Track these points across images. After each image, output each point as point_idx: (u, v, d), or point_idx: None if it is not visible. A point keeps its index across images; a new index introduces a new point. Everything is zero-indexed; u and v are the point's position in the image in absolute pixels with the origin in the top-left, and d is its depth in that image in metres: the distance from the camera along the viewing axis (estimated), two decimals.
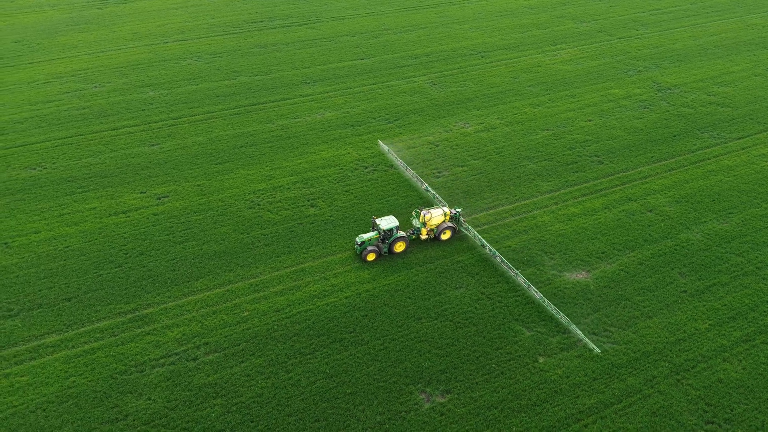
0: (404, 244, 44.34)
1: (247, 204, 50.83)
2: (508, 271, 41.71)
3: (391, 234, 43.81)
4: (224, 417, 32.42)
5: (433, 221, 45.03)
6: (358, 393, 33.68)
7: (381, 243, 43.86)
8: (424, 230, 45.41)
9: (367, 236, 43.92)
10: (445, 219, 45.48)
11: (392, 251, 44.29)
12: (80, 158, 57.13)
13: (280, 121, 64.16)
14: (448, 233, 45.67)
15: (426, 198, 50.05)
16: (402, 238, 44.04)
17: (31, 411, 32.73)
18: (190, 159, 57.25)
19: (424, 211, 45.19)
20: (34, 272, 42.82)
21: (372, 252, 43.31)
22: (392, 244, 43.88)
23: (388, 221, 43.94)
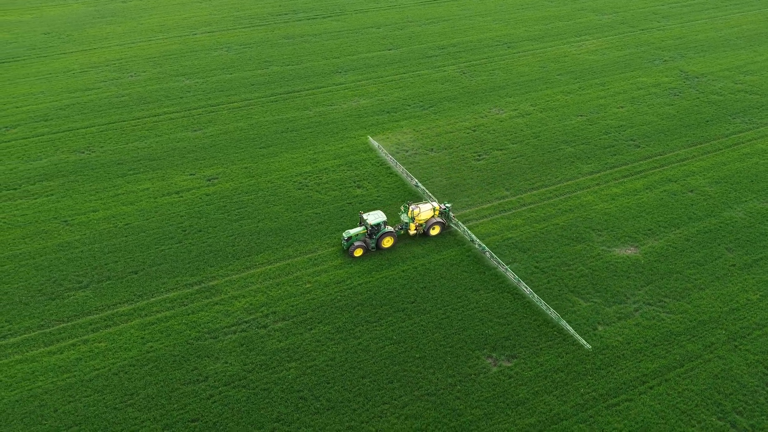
0: (392, 240, 43.47)
1: (296, 185, 52.01)
2: (498, 266, 40.91)
3: (379, 229, 42.96)
4: (301, 379, 33.58)
5: (421, 216, 44.00)
6: (426, 357, 34.85)
7: (368, 238, 43.02)
8: (412, 225, 44.34)
9: (354, 231, 43.25)
10: (434, 214, 44.53)
11: (380, 247, 43.36)
12: (127, 143, 58.34)
13: (317, 108, 65.39)
14: (437, 229, 44.74)
15: (416, 194, 50.96)
16: (390, 233, 43.22)
17: (114, 374, 33.90)
18: (234, 143, 58.46)
19: (413, 206, 44.19)
20: (98, 247, 43.97)
21: (359, 247, 42.55)
22: (380, 239, 43.00)
23: (376, 216, 43.14)
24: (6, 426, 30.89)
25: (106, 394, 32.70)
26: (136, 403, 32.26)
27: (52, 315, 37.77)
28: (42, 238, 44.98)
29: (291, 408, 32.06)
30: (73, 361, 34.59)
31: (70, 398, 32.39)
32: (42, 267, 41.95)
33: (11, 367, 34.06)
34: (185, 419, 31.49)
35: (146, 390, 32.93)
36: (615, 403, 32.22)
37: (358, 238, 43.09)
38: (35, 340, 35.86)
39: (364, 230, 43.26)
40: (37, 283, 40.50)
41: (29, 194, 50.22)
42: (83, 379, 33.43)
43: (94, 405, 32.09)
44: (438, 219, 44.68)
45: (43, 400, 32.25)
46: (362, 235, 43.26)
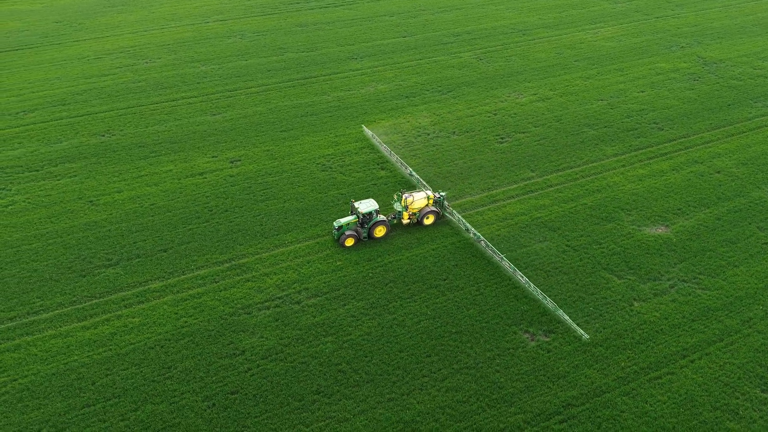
0: (385, 229, 41.94)
1: (319, 167, 51.73)
2: (493, 256, 39.55)
3: (371, 218, 41.29)
4: (338, 352, 33.34)
5: (415, 205, 42.52)
6: (463, 332, 34.61)
7: (360, 227, 41.50)
8: (405, 214, 42.85)
9: (345, 220, 41.64)
10: (429, 203, 43.03)
11: (372, 236, 41.79)
12: (146, 126, 58.06)
13: (335, 93, 65.11)
14: (432, 218, 43.19)
15: (412, 183, 50.38)
16: (382, 222, 41.59)
17: (150, 348, 33.64)
18: (254, 127, 58.18)
19: (406, 194, 42.78)
20: (125, 226, 43.69)
21: (350, 237, 40.96)
22: (372, 228, 41.39)
23: (368, 204, 41.46)
24: (45, 398, 30.65)
25: (144, 367, 32.44)
26: (174, 375, 32.01)
27: (83, 291, 37.49)
28: (68, 217, 44.69)
29: (330, 381, 31.81)
30: (107, 335, 34.32)
31: (107, 371, 32.14)
32: (70, 245, 41.68)
33: (45, 342, 33.80)
34: (225, 391, 31.24)
35: (183, 363, 32.66)
36: (657, 377, 31.99)
37: (349, 228, 41.46)
38: (68, 315, 35.61)
39: (356, 219, 41.68)
40: (66, 260, 40.23)
41: (52, 175, 49.93)
42: (119, 353, 33.17)
43: (132, 378, 31.84)
44: (432, 208, 43.06)
45: (80, 373, 31.99)
46: (354, 224, 41.59)
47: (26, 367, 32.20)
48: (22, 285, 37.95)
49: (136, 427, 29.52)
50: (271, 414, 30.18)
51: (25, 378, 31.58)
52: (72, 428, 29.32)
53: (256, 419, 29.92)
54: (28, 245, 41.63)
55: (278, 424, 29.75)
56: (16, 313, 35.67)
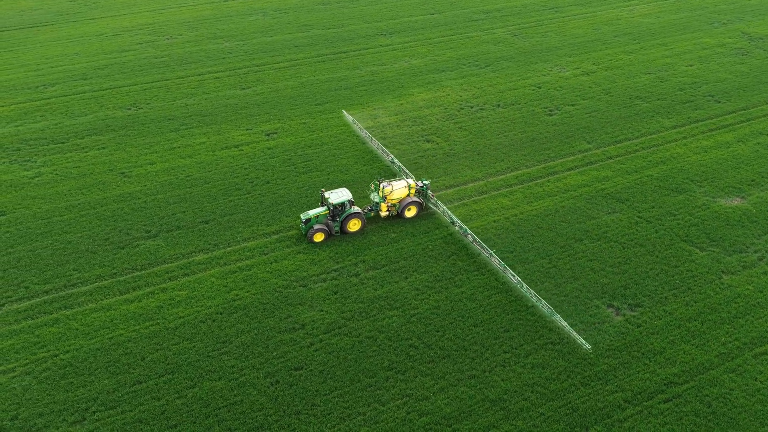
0: (359, 223, 37.11)
1: (360, 139, 48.93)
2: (481, 252, 34.93)
3: (343, 209, 36.59)
4: (406, 327, 30.51)
5: (394, 195, 37.85)
6: (539, 306, 31.86)
7: (331, 220, 36.77)
8: (383, 206, 38.06)
9: (314, 212, 36.59)
10: (410, 193, 38.48)
11: (345, 230, 36.98)
12: (174, 100, 55.24)
13: (368, 68, 62.30)
14: (414, 209, 38.50)
15: (393, 172, 45.60)
16: (357, 214, 36.86)
17: (201, 321, 30.80)
18: (287, 100, 55.37)
19: (384, 183, 38.06)
20: (162, 198, 40.88)
21: (320, 232, 36.08)
22: (345, 221, 36.57)
23: (339, 194, 36.76)
24: (90, 375, 27.85)
25: (196, 341, 29.54)
26: (231, 351, 29.15)
27: (123, 263, 34.65)
28: (100, 189, 41.86)
29: (402, 356, 28.96)
30: (153, 309, 31.48)
31: (157, 346, 29.31)
32: (105, 217, 38.86)
33: (86, 316, 30.98)
34: (288, 367, 28.34)
35: (240, 338, 29.84)
36: (762, 352, 29.19)
37: (319, 221, 36.51)
38: (109, 288, 32.75)
39: (326, 211, 36.84)
40: (102, 232, 37.41)
41: (79, 147, 47.09)
42: (168, 327, 30.29)
43: (184, 353, 28.97)
44: (414, 198, 38.34)
45: (126, 348, 29.15)
46: (323, 216, 36.66)
47: (67, 342, 29.39)
48: (56, 257, 35.15)
49: (195, 404, 26.71)
50: (342, 391, 27.38)
51: (66, 353, 28.77)
52: (123, 406, 26.55)
53: (325, 397, 27.13)
54: (60, 216, 38.82)
55: (350, 402, 26.98)
56: (51, 286, 32.83)
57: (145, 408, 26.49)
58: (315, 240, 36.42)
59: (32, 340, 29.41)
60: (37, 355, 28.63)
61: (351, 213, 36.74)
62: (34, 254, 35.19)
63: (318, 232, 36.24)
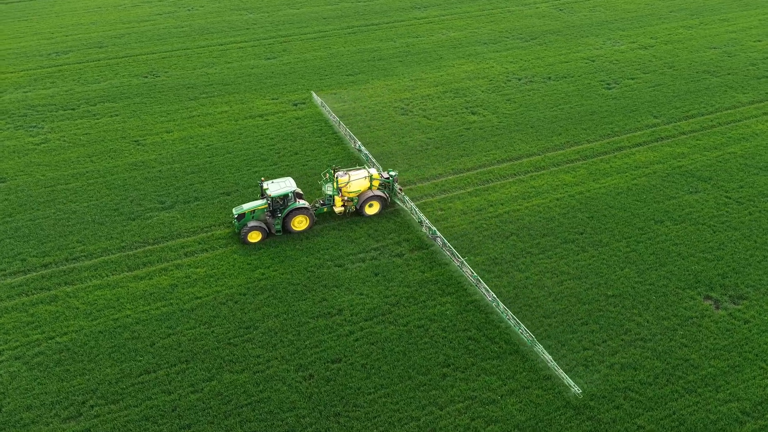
0: (306, 220, 30.57)
1: (398, 111, 44.24)
2: (452, 259, 28.44)
3: (285, 203, 30.10)
4: (462, 316, 25.71)
5: (351, 187, 31.41)
6: (623, 296, 26.81)
7: (270, 217, 30.31)
8: (338, 200, 31.52)
9: (249, 206, 30.17)
10: (372, 185, 31.99)
11: (288, 229, 30.34)
12: (194, 68, 51.09)
13: (402, 40, 57.58)
14: (376, 206, 31.89)
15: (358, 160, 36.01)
16: (302, 210, 30.25)
17: (221, 303, 26.45)
18: (315, 71, 50.90)
19: (340, 172, 31.68)
20: (179, 167, 36.69)
21: (256, 230, 29.51)
22: (287, 218, 29.99)
23: (281, 185, 30.31)
24: (90, 362, 23.64)
25: (216, 326, 25.12)
26: (256, 338, 24.68)
27: (133, 236, 30.41)
28: (111, 156, 37.79)
29: (460, 350, 24.24)
30: (166, 288, 27.19)
31: (169, 330, 24.98)
32: (115, 186, 34.76)
33: (89, 293, 26.79)
34: (324, 359, 23.78)
35: (266, 323, 25.38)
36: None
37: (255, 217, 30.08)
38: (116, 263, 28.52)
39: (265, 205, 30.33)
40: (111, 202, 33.29)
41: (90, 114, 43.12)
42: (183, 309, 25.92)
43: (201, 339, 24.59)
44: (376, 192, 31.74)
45: (134, 331, 24.90)
46: (261, 211, 30.17)
47: (65, 322, 25.23)
48: (58, 227, 31.06)
49: (213, 401, 22.24)
50: (389, 390, 22.72)
51: (64, 336, 24.58)
52: (127, 400, 22.20)
53: (369, 396, 22.51)
54: (65, 185, 34.78)
55: (401, 403, 22.30)
56: (51, 259, 28.70)
57: (153, 403, 22.12)
58: (250, 240, 29.58)
59: (25, 320, 25.29)
60: (30, 337, 24.47)
61: (295, 208, 29.86)
62: (34, 224, 31.15)
63: (253, 230, 29.45)
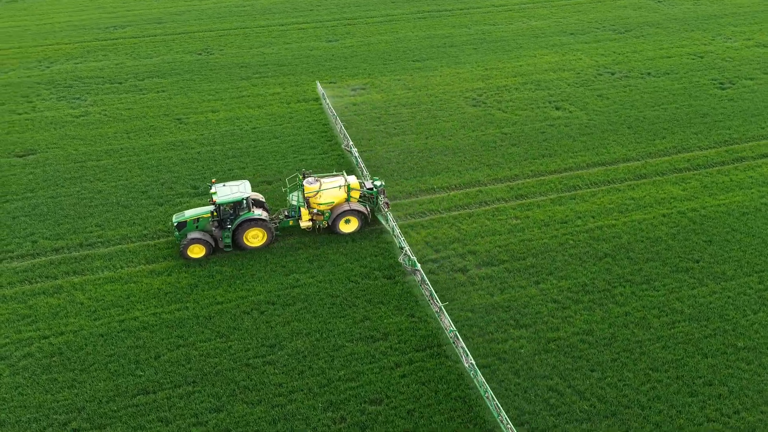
0: (264, 235, 24.86)
1: (469, 101, 38.99)
2: (428, 300, 22.13)
3: (236, 213, 24.60)
4: (541, 357, 20.25)
5: (322, 198, 25.56)
6: (760, 350, 20.29)
7: (218, 228, 24.92)
8: (306, 213, 25.70)
9: (193, 213, 24.85)
10: (351, 196, 25.96)
11: (240, 244, 24.76)
12: (250, 47, 47.78)
13: (477, 27, 52.10)
14: (354, 222, 25.80)
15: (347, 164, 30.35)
16: (257, 222, 24.57)
17: (245, 312, 21.77)
18: (380, 55, 46.36)
19: (310, 179, 26.01)
20: (219, 150, 33.05)
21: (198, 244, 24.10)
22: (238, 231, 24.53)
23: (233, 189, 24.65)
24: (83, 371, 19.78)
25: (234, 340, 20.81)
26: (280, 360, 20.09)
27: (158, 224, 26.67)
28: (149, 134, 34.72)
29: (539, 405, 18.69)
30: (184, 288, 23.31)
31: (179, 340, 20.90)
32: (147, 166, 31.52)
33: (98, 287, 23.32)
34: (360, 398, 18.78)
35: (294, 342, 20.83)
36: None
37: (201, 226, 24.67)
38: (133, 253, 24.84)
39: (211, 214, 24.83)
40: (140, 183, 30.01)
41: (137, 89, 40.41)
42: (199, 315, 21.92)
43: (215, 355, 20.32)
44: (355, 206, 25.64)
45: (139, 338, 21.08)
46: (206, 221, 24.76)
47: (65, 320, 21.75)
48: (79, 207, 27.94)
49: None
50: None
51: (60, 336, 21.04)
52: (117, 427, 18.03)
53: None
54: (96, 161, 31.84)
55: None
56: (64, 243, 25.45)
57: None
58: (190, 255, 24.19)
59: (22, 312, 22.02)
60: (22, 333, 21.11)
61: (247, 219, 24.17)
62: (54, 201, 28.17)
63: (195, 244, 24.02)
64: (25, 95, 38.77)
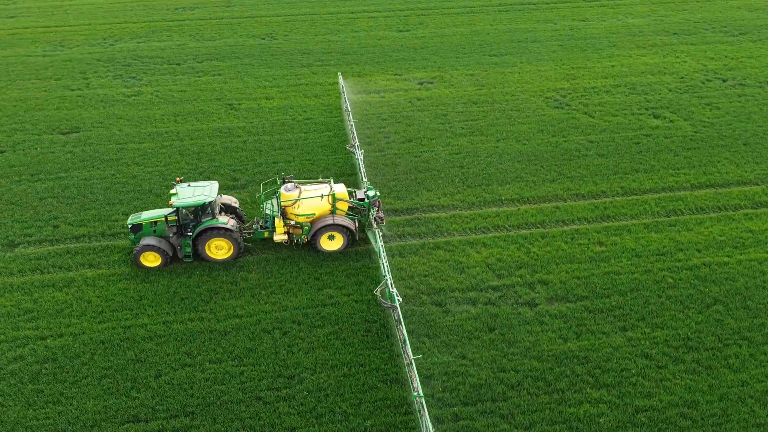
0: (229, 247, 21.54)
1: (550, 102, 34.36)
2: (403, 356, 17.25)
3: (198, 219, 21.40)
4: (625, 430, 16.16)
5: (301, 209, 22.12)
6: None
7: (176, 235, 21.72)
8: (280, 224, 22.10)
9: (150, 216, 21.86)
10: (337, 208, 22.37)
11: (201, 254, 21.51)
12: (316, 34, 45.19)
13: (565, 22, 46.87)
14: (339, 239, 22.12)
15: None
16: (222, 231, 21.27)
17: (265, 330, 18.33)
18: (453, 48, 42.40)
19: (289, 185, 22.47)
20: (267, 140, 30.38)
21: (150, 251, 21.05)
22: (199, 240, 21.34)
23: (196, 192, 21.38)
24: (73, 384, 17.08)
25: (248, 365, 17.50)
26: (297, 397, 16.47)
27: None
28: (197, 118, 32.66)
29: None
30: (203, 294, 20.35)
31: (186, 358, 17.86)
32: (190, 152, 29.36)
33: (111, 284, 20.84)
34: None
35: (317, 375, 16.98)
36: None
37: (160, 231, 21.68)
38: None
39: (167, 218, 21.66)
40: (178, 170, 27.77)
41: (193, 71, 38.69)
42: (213, 330, 18.91)
43: (223, 381, 16.95)
44: (339, 220, 22.03)
45: (142, 350, 18.16)
46: (163, 227, 21.69)
47: (68, 319, 19.41)
48: (109, 193, 25.92)
49: None
50: None
51: (59, 338, 18.61)
52: None
53: None
54: (138, 144, 30.03)
55: None
56: (86, 231, 23.26)
57: None
58: (144, 264, 21.22)
59: (25, 306, 19.94)
60: (20, 331, 18.92)
61: (209, 227, 20.96)
62: (85, 184, 26.35)
63: (149, 251, 21.05)
64: (83, 71, 37.97)
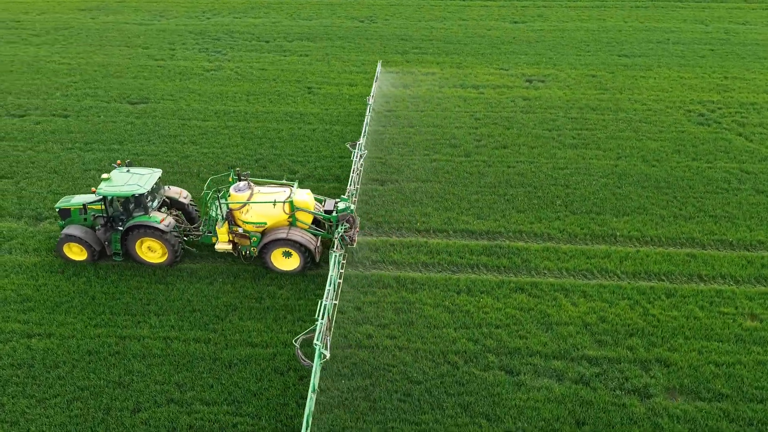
0: (163, 249, 17.80)
1: (694, 117, 27.50)
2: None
3: (129, 212, 17.66)
4: None
5: (251, 215, 17.54)
6: None
7: (106, 228, 17.90)
8: (224, 231, 17.71)
9: (81, 200, 18.31)
10: (297, 219, 17.56)
11: (132, 254, 17.84)
12: (419, 20, 40.70)
13: (719, 24, 38.68)
14: (295, 258, 17.45)
15: None
16: (152, 231, 17.42)
17: (278, 372, 15.59)
18: (575, 44, 36.20)
19: (241, 184, 17.91)
20: (337, 131, 26.51)
21: (74, 242, 17.63)
22: (128, 238, 17.65)
23: (131, 179, 17.49)
24: (40, 404, 13.85)
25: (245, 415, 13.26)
26: None
27: None
28: (270, 100, 29.68)
29: None
30: (220, 308, 16.79)
31: (176, 392, 13.88)
32: (252, 136, 26.36)
33: (120, 279, 17.22)
34: None
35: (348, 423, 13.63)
36: None
37: (88, 221, 18.13)
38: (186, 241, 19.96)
39: (88, 206, 18.04)
40: (233, 154, 24.77)
41: (280, 49, 36.04)
42: (218, 358, 14.57)
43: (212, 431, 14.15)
44: (294, 235, 17.28)
45: (130, 371, 14.56)
46: (90, 216, 18.09)
47: (63, 316, 16.17)
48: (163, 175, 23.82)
49: None
50: None
51: (46, 339, 15.28)
52: None
53: None
54: (201, 121, 27.53)
55: None
56: None
57: None
58: (68, 256, 18.04)
59: (24, 293, 17.17)
60: (8, 324, 15.88)
61: (138, 224, 17.48)
62: (134, 159, 23.85)
63: (73, 242, 17.81)
64: (172, 42, 36.65)
